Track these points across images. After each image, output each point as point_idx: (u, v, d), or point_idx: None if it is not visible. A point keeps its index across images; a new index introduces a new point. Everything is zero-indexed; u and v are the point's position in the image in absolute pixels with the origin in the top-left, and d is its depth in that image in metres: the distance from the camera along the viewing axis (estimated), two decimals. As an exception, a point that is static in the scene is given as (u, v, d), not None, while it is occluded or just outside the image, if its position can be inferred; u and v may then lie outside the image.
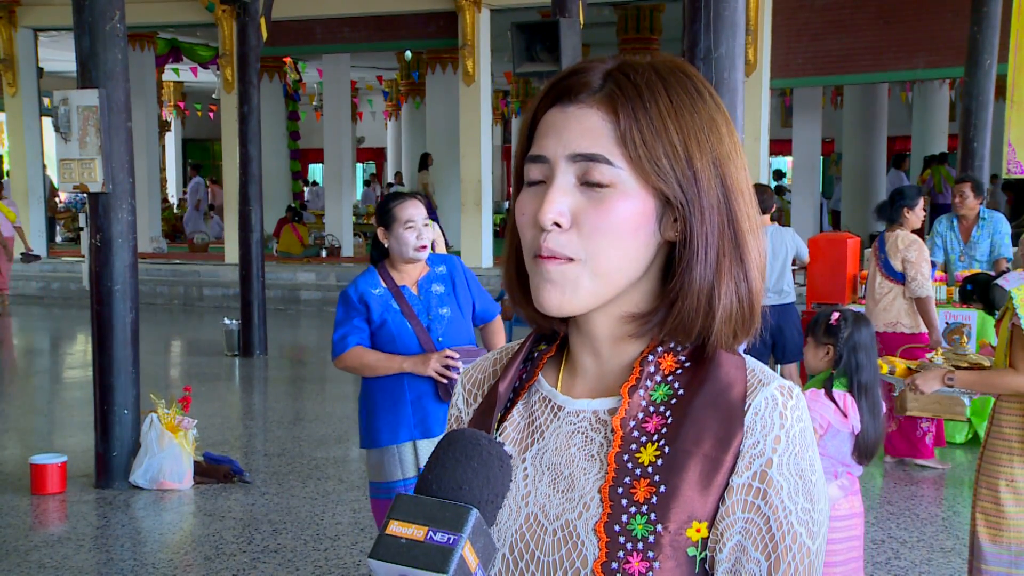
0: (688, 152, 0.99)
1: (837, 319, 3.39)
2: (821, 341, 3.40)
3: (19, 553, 4.98)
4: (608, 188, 0.99)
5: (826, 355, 3.40)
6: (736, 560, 0.97)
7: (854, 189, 17.04)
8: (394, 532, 0.94)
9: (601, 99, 1.00)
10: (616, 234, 0.99)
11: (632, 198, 0.99)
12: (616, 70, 1.02)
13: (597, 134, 0.99)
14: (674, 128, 0.99)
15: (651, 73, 1.01)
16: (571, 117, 1.01)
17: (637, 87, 0.99)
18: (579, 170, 0.99)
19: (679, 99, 1.00)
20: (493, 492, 0.98)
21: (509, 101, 24.68)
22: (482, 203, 13.93)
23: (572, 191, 1.00)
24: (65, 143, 6.01)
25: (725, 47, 4.21)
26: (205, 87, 25.57)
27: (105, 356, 5.98)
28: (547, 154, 1.01)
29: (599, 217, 0.98)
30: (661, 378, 1.03)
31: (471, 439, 1.00)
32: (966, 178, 7.37)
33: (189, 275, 15.18)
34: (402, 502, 0.96)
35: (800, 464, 0.98)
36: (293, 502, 5.70)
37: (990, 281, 6.09)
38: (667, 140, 0.98)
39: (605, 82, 1.01)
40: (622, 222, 0.99)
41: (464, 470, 0.97)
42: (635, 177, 0.99)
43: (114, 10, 5.84)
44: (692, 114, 1.00)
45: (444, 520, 0.93)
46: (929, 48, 12.15)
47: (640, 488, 0.98)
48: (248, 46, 10.70)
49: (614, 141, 0.99)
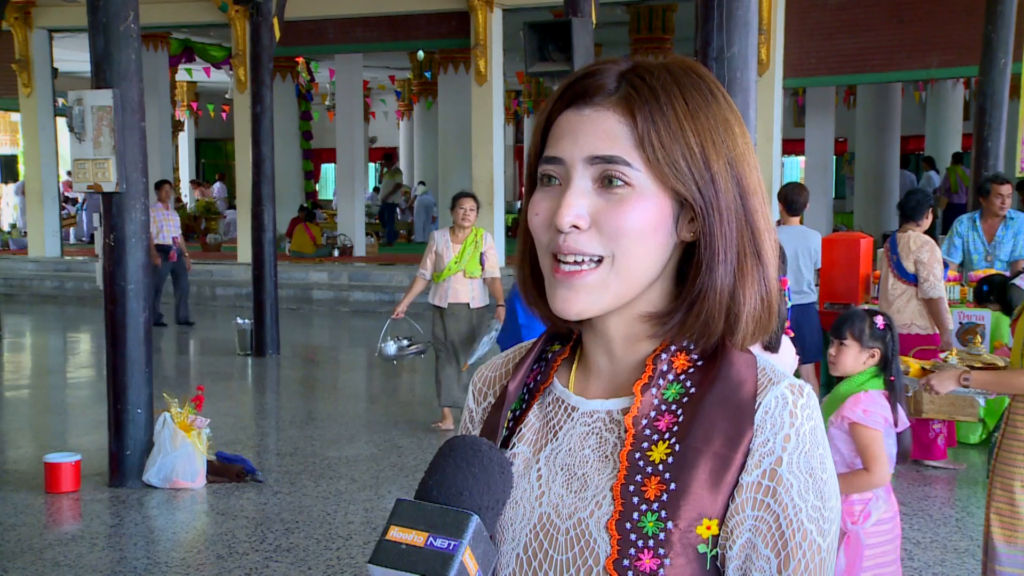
0: (705, 154, 1.00)
1: (884, 323, 3.39)
2: (867, 344, 3.37)
3: (34, 551, 5.00)
4: (627, 189, 0.99)
5: (871, 358, 3.38)
6: (746, 557, 0.98)
7: (867, 189, 16.98)
8: (394, 538, 0.94)
9: (617, 101, 1.01)
10: (637, 235, 0.99)
11: (650, 199, 1.00)
12: (630, 72, 1.02)
13: (615, 136, 1.00)
14: (691, 130, 1.00)
15: (666, 75, 1.01)
16: (587, 120, 1.01)
17: (653, 89, 1.00)
18: (596, 172, 1.00)
19: (694, 101, 1.01)
20: (493, 498, 0.98)
21: (521, 101, 24.68)
22: (494, 203, 13.93)
23: (589, 193, 1.00)
24: (79, 143, 6.03)
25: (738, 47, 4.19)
26: (218, 87, 25.64)
27: (119, 355, 6.00)
28: (563, 156, 1.02)
29: (619, 218, 0.99)
30: (673, 376, 1.04)
31: (472, 445, 1.00)
32: (1007, 179, 7.11)
33: (202, 274, 15.23)
34: (402, 508, 0.96)
35: (810, 462, 0.98)
36: (305, 501, 5.71)
37: (1006, 282, 6.06)
38: (684, 142, 0.99)
39: (620, 84, 1.02)
40: (642, 223, 0.99)
41: (465, 476, 0.97)
42: (653, 179, 1.00)
43: (128, 10, 5.86)
44: (707, 116, 1.01)
45: (444, 526, 0.94)
46: (943, 47, 12.09)
47: (651, 485, 0.98)
48: (261, 46, 10.72)
49: (632, 143, 0.99)
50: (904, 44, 12.29)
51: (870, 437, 3.22)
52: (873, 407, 3.24)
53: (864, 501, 3.25)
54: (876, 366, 3.38)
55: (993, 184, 6.94)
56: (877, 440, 3.21)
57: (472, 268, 7.18)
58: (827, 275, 7.28)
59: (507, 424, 1.11)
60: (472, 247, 7.18)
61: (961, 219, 7.20)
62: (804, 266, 6.69)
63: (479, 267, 7.21)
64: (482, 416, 1.18)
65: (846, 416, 3.26)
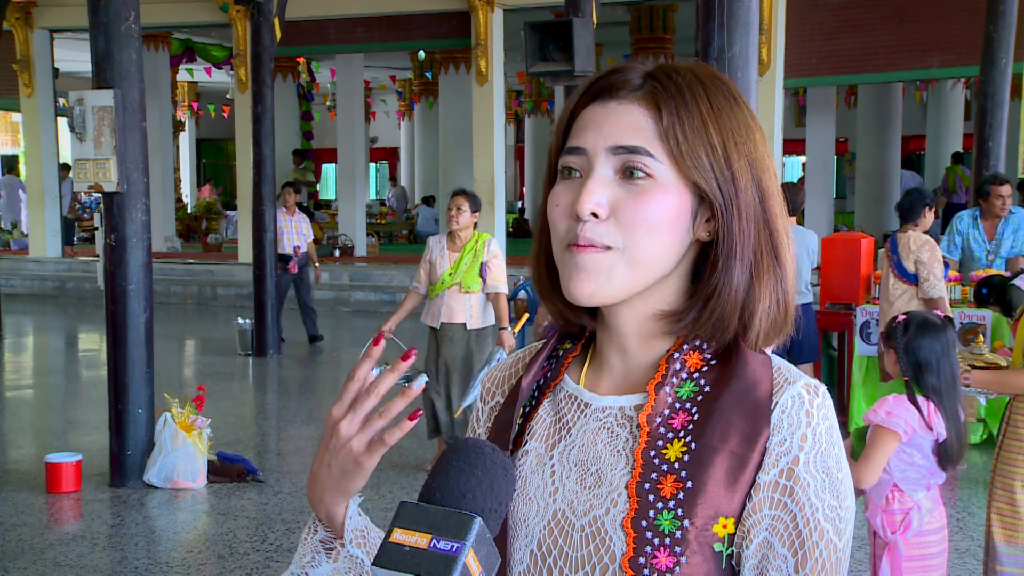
0: (727, 152, 1.02)
1: (897, 323, 3.34)
2: (888, 345, 3.34)
3: (35, 551, 5.00)
4: (649, 180, 1.01)
5: (894, 360, 3.33)
6: (763, 556, 0.98)
7: (868, 189, 16.98)
8: (398, 540, 0.94)
9: (643, 96, 1.03)
10: (654, 225, 1.00)
11: (671, 192, 1.01)
12: (657, 71, 1.05)
13: (639, 128, 1.01)
14: (714, 129, 1.01)
15: (691, 76, 1.04)
16: (612, 112, 1.03)
17: (679, 86, 1.02)
18: (619, 162, 1.01)
19: (718, 102, 1.03)
20: (497, 501, 0.99)
21: (522, 101, 24.69)
22: (495, 203, 13.93)
23: (611, 183, 1.02)
24: (80, 143, 6.04)
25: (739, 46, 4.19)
26: (219, 87, 25.66)
27: (120, 355, 6.00)
28: (586, 146, 1.03)
29: (638, 208, 1.00)
30: (687, 375, 1.04)
31: (475, 448, 1.00)
32: (1007, 179, 7.06)
33: (203, 275, 15.24)
34: (406, 510, 0.96)
35: (827, 461, 0.99)
36: (306, 501, 5.70)
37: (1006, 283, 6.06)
38: (707, 139, 1.01)
39: (646, 81, 1.04)
40: (660, 214, 1.00)
41: (468, 479, 0.98)
42: (675, 172, 1.01)
43: (129, 11, 5.87)
44: (730, 117, 1.03)
45: (448, 528, 0.94)
46: (944, 47, 12.08)
47: (667, 484, 0.99)
48: (262, 46, 10.73)
49: (656, 136, 1.01)
50: (905, 44, 12.29)
51: (881, 439, 3.14)
52: (898, 410, 3.17)
53: (904, 511, 3.19)
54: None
55: (992, 185, 6.91)
56: (885, 445, 3.13)
57: (469, 281, 6.07)
58: (827, 275, 7.29)
59: (518, 421, 1.12)
60: (471, 256, 6.08)
61: (961, 216, 7.17)
62: (802, 266, 6.69)
63: (478, 280, 6.08)
64: (488, 415, 1.18)
65: (868, 416, 3.20)
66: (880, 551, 3.23)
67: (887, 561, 3.18)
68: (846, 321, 7.15)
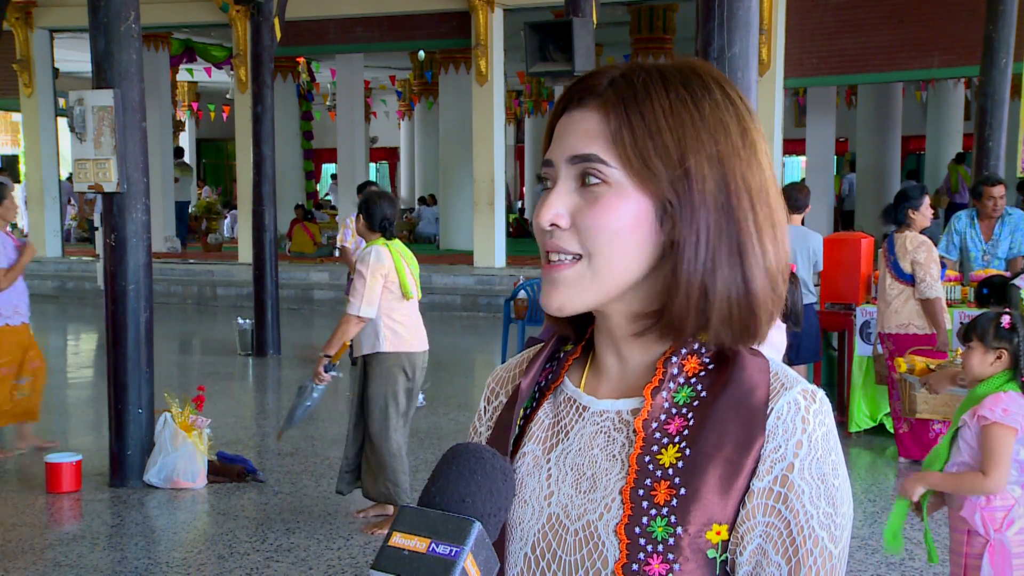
0: (682, 150, 0.99)
1: (1010, 322, 3.24)
2: (991, 345, 3.23)
3: (34, 551, 5.00)
4: (604, 186, 1.00)
5: (997, 359, 3.23)
6: (756, 564, 0.98)
7: (868, 189, 16.99)
8: (397, 544, 0.94)
9: (602, 102, 1.02)
10: (613, 232, 1.00)
11: (628, 198, 1.00)
12: (622, 73, 1.03)
13: (593, 135, 1.01)
14: (667, 127, 0.99)
15: (655, 74, 1.02)
16: (573, 121, 1.03)
17: (634, 88, 1.01)
18: (577, 171, 1.02)
19: (680, 96, 1.00)
20: (496, 505, 0.98)
21: (522, 101, 24.70)
22: (495, 203, 13.94)
23: (572, 193, 1.02)
24: (80, 143, 6.04)
25: (739, 46, 4.20)
26: (219, 87, 25.67)
27: (119, 355, 6.00)
28: (552, 157, 1.04)
29: (594, 216, 1.00)
30: (684, 380, 1.03)
31: (475, 452, 1.00)
32: (999, 180, 7.07)
33: (203, 275, 15.24)
34: (405, 514, 0.96)
35: (822, 468, 0.98)
36: (306, 501, 5.71)
37: (1006, 283, 6.06)
38: (659, 140, 0.99)
39: (609, 86, 1.02)
40: (619, 220, 1.00)
41: (467, 483, 0.98)
42: (629, 176, 1.00)
43: (129, 11, 5.87)
44: (692, 111, 1.00)
45: (446, 532, 0.94)
46: (944, 47, 12.09)
47: (661, 490, 0.98)
48: (262, 46, 10.73)
49: (608, 141, 1.00)
50: (905, 44, 12.29)
51: (1003, 437, 3.06)
52: (1014, 406, 3.11)
53: (1006, 508, 3.12)
54: (1009, 369, 3.22)
55: (985, 187, 6.92)
56: (1008, 442, 3.07)
57: None
58: (828, 275, 7.28)
59: (518, 422, 1.12)
60: None
61: (959, 215, 7.19)
62: (803, 267, 6.68)
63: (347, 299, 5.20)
64: (491, 415, 1.18)
65: (983, 415, 3.11)
66: (977, 550, 3.15)
67: (989, 560, 3.10)
68: (846, 321, 7.15)
